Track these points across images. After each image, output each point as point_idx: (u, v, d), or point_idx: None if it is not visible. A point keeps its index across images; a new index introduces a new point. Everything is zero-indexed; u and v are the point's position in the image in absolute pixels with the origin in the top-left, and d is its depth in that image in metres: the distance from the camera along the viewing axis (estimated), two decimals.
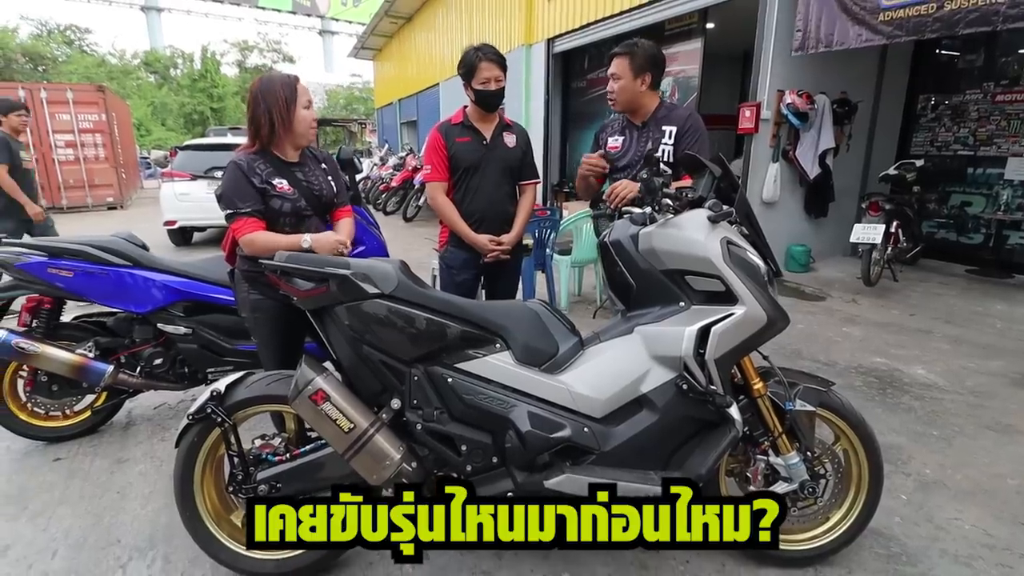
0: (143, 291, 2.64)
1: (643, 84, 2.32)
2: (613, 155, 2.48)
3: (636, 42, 2.33)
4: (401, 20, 16.65)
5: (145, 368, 2.71)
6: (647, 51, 2.30)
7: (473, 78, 2.43)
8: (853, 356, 3.58)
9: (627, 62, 2.30)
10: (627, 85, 2.32)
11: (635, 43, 2.33)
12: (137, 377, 2.67)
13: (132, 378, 2.65)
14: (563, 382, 1.63)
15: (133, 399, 2.88)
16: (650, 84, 2.33)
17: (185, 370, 2.80)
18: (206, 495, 1.78)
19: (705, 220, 1.58)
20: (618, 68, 2.32)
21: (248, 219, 1.83)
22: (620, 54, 2.32)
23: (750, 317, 1.56)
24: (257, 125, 1.84)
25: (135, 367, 2.70)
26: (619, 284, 1.75)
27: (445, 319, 1.62)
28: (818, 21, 4.97)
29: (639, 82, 2.31)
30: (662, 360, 1.61)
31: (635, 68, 2.29)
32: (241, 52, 35.95)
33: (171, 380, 2.78)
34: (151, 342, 2.74)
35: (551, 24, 9.12)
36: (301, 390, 1.57)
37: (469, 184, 2.55)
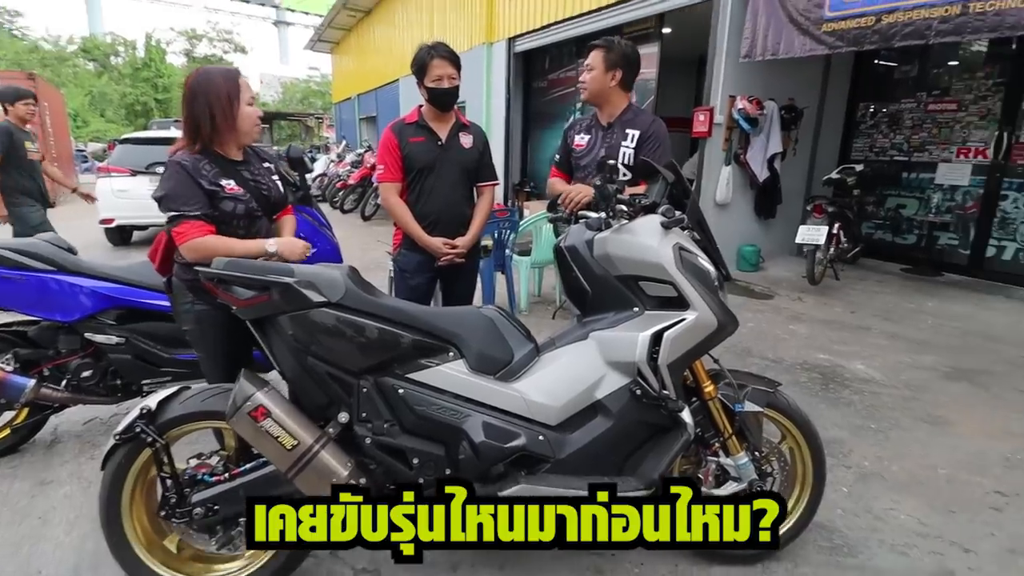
0: (68, 298, 2.45)
1: (613, 80, 2.34)
2: (577, 152, 2.50)
3: (615, 39, 2.37)
4: (360, 14, 16.29)
5: (72, 381, 2.53)
6: (623, 49, 2.34)
7: (425, 76, 2.38)
8: (799, 353, 3.71)
9: (602, 55, 2.33)
10: (598, 76, 2.35)
11: (614, 39, 2.36)
12: (63, 391, 2.49)
13: (57, 392, 2.46)
14: (518, 390, 1.60)
15: (59, 414, 2.68)
16: (620, 81, 2.35)
17: (118, 382, 2.62)
18: (136, 520, 1.66)
19: (658, 226, 1.59)
20: (593, 59, 2.35)
21: (196, 223, 1.71)
22: (597, 46, 2.35)
23: (701, 322, 1.57)
24: (196, 123, 1.73)
25: (60, 380, 2.51)
26: (575, 289, 1.74)
27: (396, 328, 1.56)
28: (766, 30, 5.13)
29: (609, 77, 2.34)
30: (616, 366, 1.61)
31: (608, 62, 2.33)
32: (189, 41, 34.39)
33: (102, 393, 2.60)
34: (79, 353, 2.55)
35: (512, 23, 9.10)
36: (239, 407, 1.48)
37: (424, 185, 2.49)
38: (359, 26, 17.26)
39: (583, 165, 2.46)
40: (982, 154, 5.42)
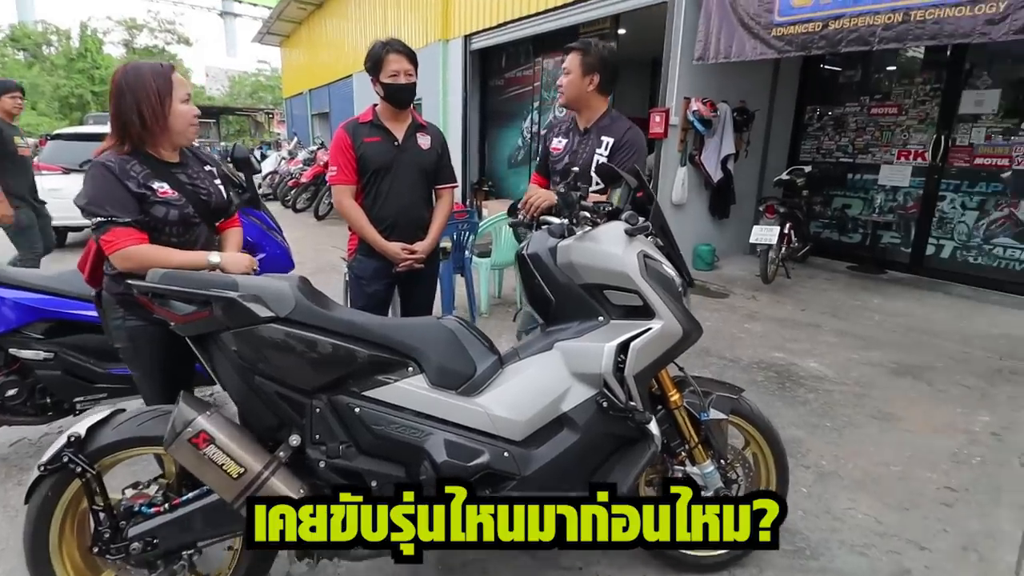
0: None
1: (590, 84, 2.28)
2: (554, 157, 2.45)
3: (593, 41, 2.31)
4: (311, 7, 15.81)
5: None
6: (600, 52, 2.27)
7: (381, 71, 2.29)
8: (755, 352, 3.79)
9: (579, 58, 2.26)
10: (574, 81, 2.28)
11: (591, 42, 2.30)
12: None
13: None
14: (481, 405, 1.54)
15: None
16: (598, 86, 2.29)
17: (47, 400, 2.43)
18: (66, 557, 1.52)
19: (622, 233, 1.56)
20: (570, 63, 2.29)
21: (126, 230, 1.57)
22: (574, 49, 2.29)
23: (667, 331, 1.55)
24: (124, 121, 1.58)
25: None
26: (538, 297, 1.69)
27: (350, 343, 1.47)
28: (718, 33, 5.23)
29: (587, 81, 2.27)
30: (582, 377, 1.57)
31: (585, 66, 2.26)
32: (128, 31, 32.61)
33: (29, 413, 2.41)
34: (2, 370, 2.35)
35: (468, 20, 9.00)
36: (179, 433, 1.36)
37: (379, 188, 2.39)
38: (310, 19, 16.75)
39: (559, 170, 2.40)
40: (921, 156, 5.69)
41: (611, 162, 2.24)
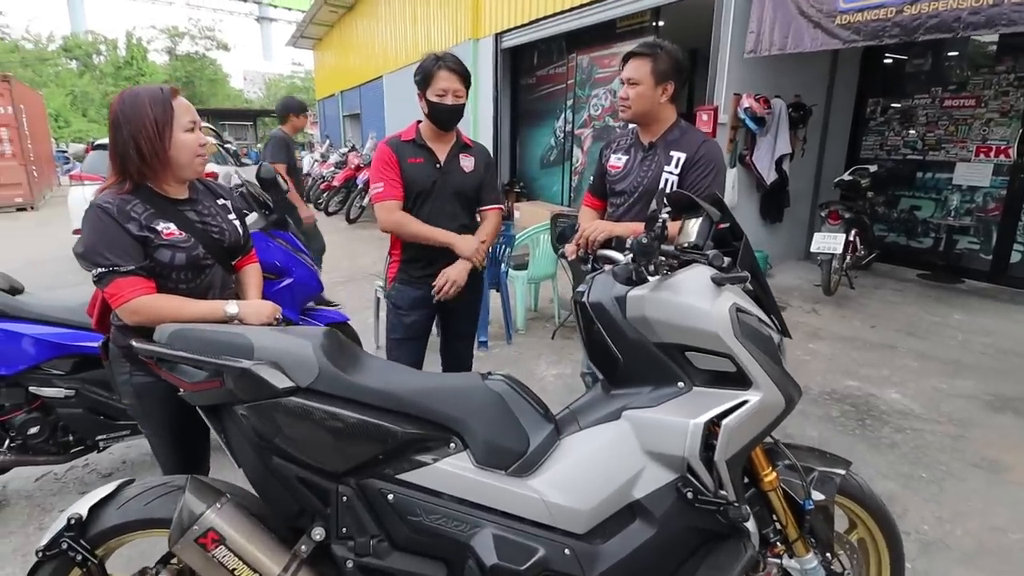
0: (7, 348, 2.12)
1: (664, 94, 1.96)
2: (612, 175, 2.14)
3: (660, 43, 1.96)
4: (342, 9, 15.82)
5: (16, 440, 2.21)
6: (673, 56, 1.93)
7: (429, 87, 2.06)
8: (825, 379, 3.43)
9: (649, 65, 1.92)
10: (646, 93, 1.94)
11: (658, 44, 1.95)
12: (5, 453, 2.17)
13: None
14: (536, 490, 1.28)
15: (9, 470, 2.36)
16: (671, 95, 1.97)
17: (70, 438, 2.30)
18: None
19: (708, 282, 1.27)
20: (637, 72, 1.94)
21: (131, 279, 1.37)
22: (641, 55, 1.94)
23: (767, 403, 1.26)
24: (122, 156, 1.39)
25: (3, 440, 2.19)
26: (601, 352, 1.42)
27: (383, 417, 1.24)
28: (772, 23, 4.82)
29: (660, 91, 1.95)
30: (659, 458, 1.30)
31: (658, 74, 1.92)
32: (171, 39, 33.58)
33: (52, 452, 2.28)
34: (23, 408, 2.22)
35: (499, 18, 8.74)
36: (185, 530, 1.16)
37: (418, 213, 2.17)
38: (341, 22, 16.79)
39: (618, 191, 2.11)
40: (1004, 153, 5.15)
41: (683, 182, 1.94)
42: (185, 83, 33.30)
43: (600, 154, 2.27)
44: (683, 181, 1.95)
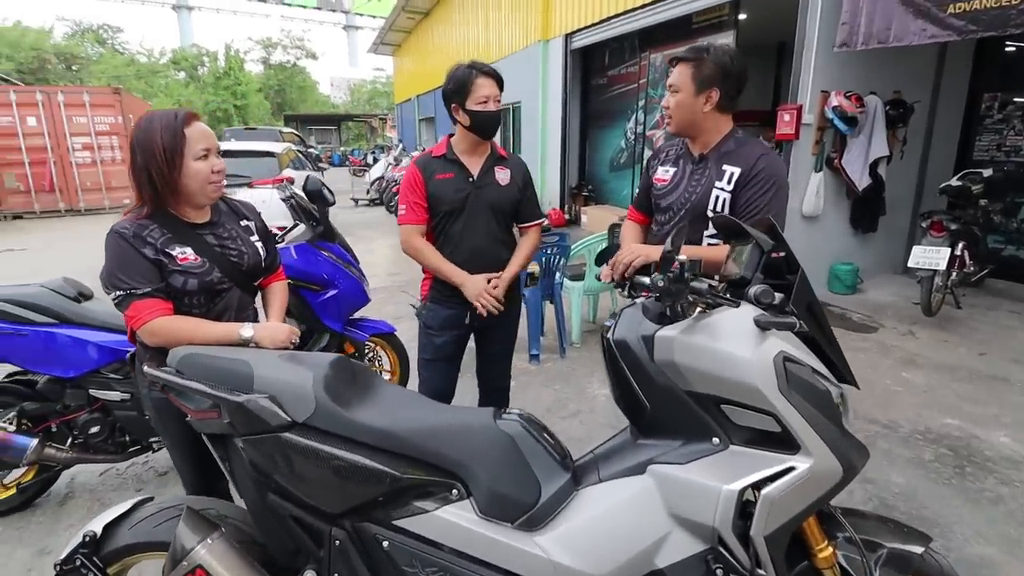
0: (71, 352, 2.25)
1: (707, 102, 1.71)
2: (659, 189, 1.92)
3: (707, 47, 1.72)
4: (419, 15, 16.26)
5: (79, 438, 2.34)
6: (719, 59, 1.69)
7: (468, 98, 1.95)
8: (919, 415, 3.01)
9: (689, 71, 1.70)
10: (685, 101, 1.73)
11: (706, 48, 1.71)
12: (68, 451, 2.30)
13: (61, 453, 2.28)
14: (543, 548, 1.15)
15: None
16: (717, 103, 1.72)
17: (126, 439, 2.42)
18: None
19: (751, 325, 1.09)
20: (677, 78, 1.74)
21: (148, 301, 1.40)
22: (683, 60, 1.73)
23: (819, 472, 1.06)
24: (139, 182, 1.41)
25: (67, 438, 2.33)
26: (628, 395, 1.27)
27: (380, 459, 1.16)
28: (871, 13, 4.34)
29: (702, 99, 1.71)
30: (686, 524, 1.13)
31: (698, 80, 1.70)
32: (265, 49, 36.06)
33: (110, 451, 2.40)
34: (86, 408, 2.36)
35: (569, 18, 8.59)
36: (176, 563, 1.13)
37: (450, 231, 2.08)
38: (418, 28, 17.26)
39: (664, 207, 1.89)
40: None
41: (737, 201, 1.70)
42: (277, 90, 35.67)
43: (647, 165, 2.07)
44: (737, 200, 1.71)
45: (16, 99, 11.28)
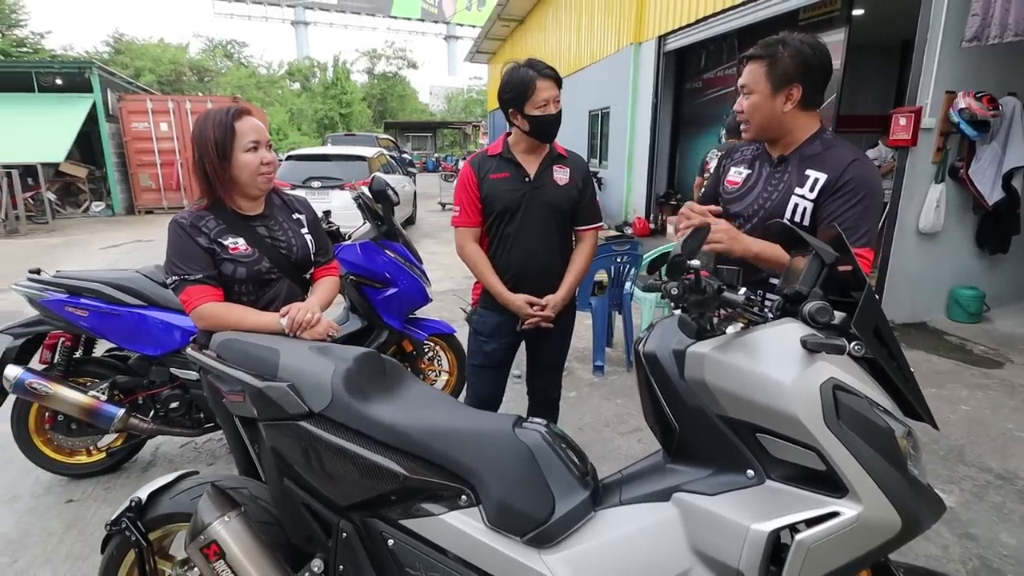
0: (157, 332, 2.46)
1: (787, 102, 1.51)
2: (729, 192, 1.74)
3: (782, 39, 1.51)
4: (514, 23, 16.51)
5: (160, 412, 2.56)
6: (797, 53, 1.48)
7: (527, 102, 1.88)
8: None
9: (763, 70, 1.51)
10: (760, 103, 1.53)
11: (780, 40, 1.51)
12: (149, 423, 2.51)
13: (144, 423, 2.49)
14: (551, 568, 1.08)
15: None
16: (799, 102, 1.51)
17: (201, 415, 2.61)
18: None
19: (797, 345, 0.95)
20: (750, 78, 1.54)
21: (200, 287, 1.49)
22: (755, 58, 1.53)
23: (869, 521, 0.90)
24: (196, 175, 1.51)
25: (150, 410, 2.56)
26: (658, 417, 1.16)
27: (391, 457, 1.14)
28: (1007, 1, 3.79)
29: (781, 99, 1.51)
30: (709, 562, 1.00)
31: (775, 78, 1.50)
32: (370, 60, 38.33)
33: (187, 425, 2.61)
34: (168, 385, 2.58)
35: (664, 20, 8.31)
36: (195, 536, 1.18)
37: (504, 231, 2.03)
38: (513, 35, 17.51)
39: (733, 213, 1.68)
40: None
41: (820, 212, 1.48)
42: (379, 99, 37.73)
43: (718, 164, 1.88)
44: (819, 211, 1.49)
45: (152, 107, 12.80)
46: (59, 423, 2.53)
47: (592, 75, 10.77)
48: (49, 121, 11.93)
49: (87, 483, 2.60)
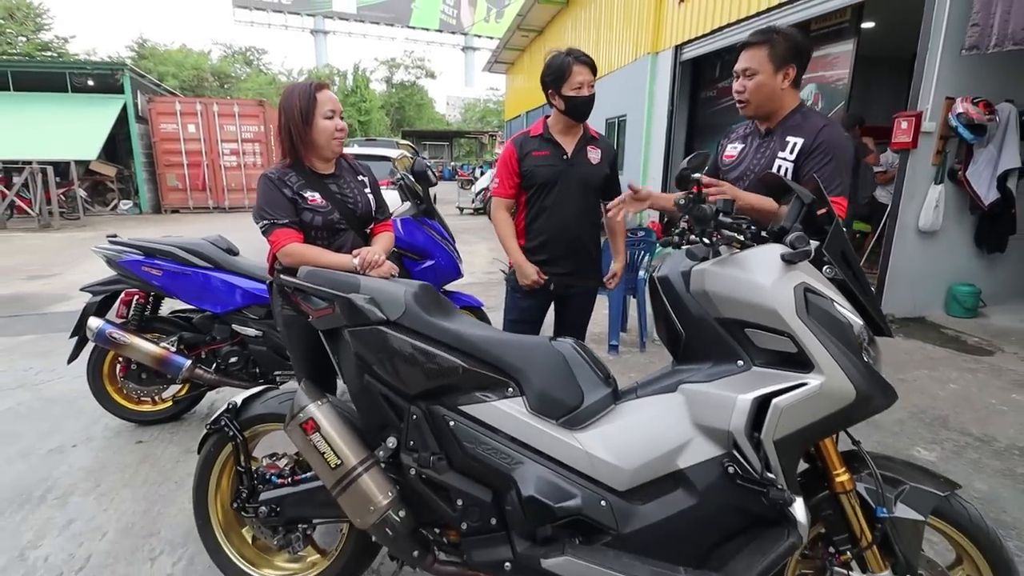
0: (221, 292, 2.78)
1: (785, 80, 1.82)
2: (726, 165, 2.06)
3: (773, 28, 1.84)
4: (532, 33, 16.93)
5: (221, 365, 2.86)
6: (791, 38, 1.80)
7: (564, 84, 2.19)
8: (1020, 433, 2.79)
9: (766, 52, 1.80)
10: (765, 82, 1.82)
11: (772, 29, 1.83)
12: (212, 373, 2.82)
13: (207, 374, 2.80)
14: (581, 442, 1.36)
15: (218, 391, 3.07)
16: (792, 80, 1.84)
17: (256, 370, 2.91)
18: (220, 505, 1.77)
19: (777, 259, 1.23)
20: (753, 61, 1.83)
21: (286, 230, 1.80)
22: (755, 44, 1.83)
23: (830, 390, 1.17)
24: (283, 138, 1.82)
25: (212, 363, 2.86)
26: (668, 329, 1.44)
27: (452, 354, 1.43)
28: (1005, 13, 4.05)
29: (780, 77, 1.81)
30: (707, 431, 1.28)
31: (776, 60, 1.80)
32: (389, 69, 39.09)
33: (243, 379, 2.90)
34: (228, 341, 2.88)
35: (680, 30, 8.63)
36: (294, 416, 1.47)
37: (543, 203, 2.33)
38: (531, 46, 17.92)
39: (732, 179, 1.96)
40: None
41: (800, 171, 1.79)
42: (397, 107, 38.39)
43: (718, 146, 2.20)
44: (800, 170, 1.79)
45: (180, 108, 13.30)
46: (131, 372, 2.85)
47: (610, 84, 11.10)
48: (81, 120, 12.42)
49: (153, 429, 2.91)
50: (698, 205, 1.26)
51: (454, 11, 41.74)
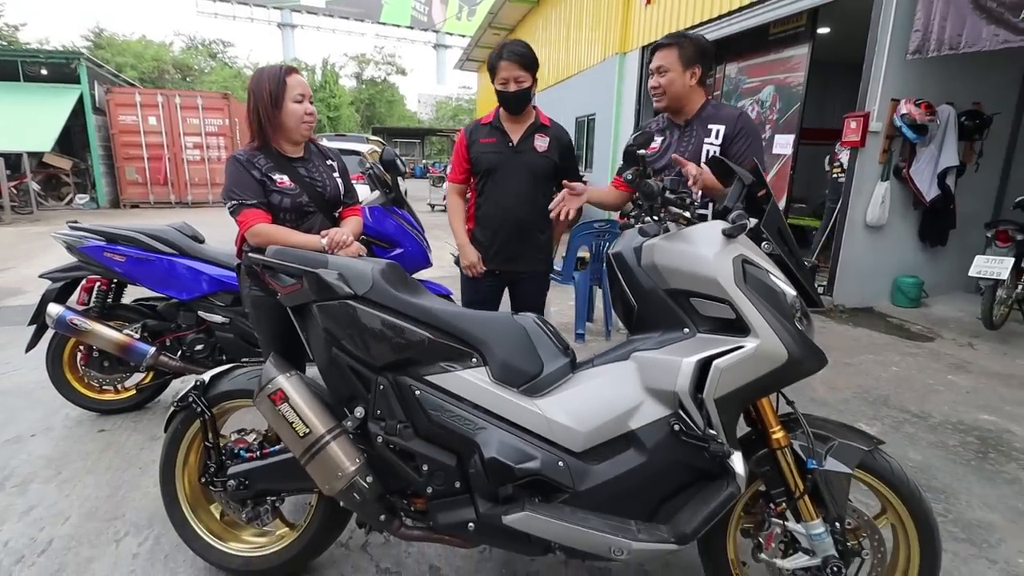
0: (186, 279, 2.76)
1: (692, 78, 2.09)
2: (650, 157, 2.17)
3: (682, 33, 2.13)
4: (504, 32, 16.96)
5: (186, 352, 2.85)
6: (697, 42, 2.10)
7: (495, 78, 2.31)
8: (954, 410, 3.00)
9: (675, 53, 2.08)
10: (676, 79, 2.09)
11: (681, 34, 2.12)
12: (177, 361, 2.80)
13: (172, 361, 2.78)
14: (540, 408, 1.44)
15: (183, 380, 3.04)
16: (699, 79, 2.11)
17: (223, 357, 2.90)
18: (187, 482, 1.79)
19: (718, 234, 1.34)
20: (665, 60, 2.09)
21: (253, 210, 1.83)
22: (667, 45, 2.10)
23: (764, 352, 1.28)
24: (251, 120, 1.84)
25: (177, 351, 2.84)
26: (622, 303, 1.54)
27: (418, 327, 1.49)
28: (943, 20, 4.32)
29: (688, 75, 2.08)
30: (656, 394, 1.38)
31: (684, 60, 2.07)
32: (359, 65, 38.60)
33: (209, 366, 2.86)
34: (194, 328, 2.87)
35: (647, 31, 8.83)
36: (263, 388, 1.51)
37: (487, 188, 2.43)
38: None
39: (659, 168, 2.17)
40: None
41: (727, 153, 1.99)
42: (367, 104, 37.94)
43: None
44: (727, 152, 2.02)
45: (140, 100, 12.87)
46: (93, 360, 2.81)
47: (579, 83, 11.25)
48: (35, 110, 11.90)
49: (115, 418, 2.87)
50: (644, 180, 1.36)
51: (425, 8, 41.41)
